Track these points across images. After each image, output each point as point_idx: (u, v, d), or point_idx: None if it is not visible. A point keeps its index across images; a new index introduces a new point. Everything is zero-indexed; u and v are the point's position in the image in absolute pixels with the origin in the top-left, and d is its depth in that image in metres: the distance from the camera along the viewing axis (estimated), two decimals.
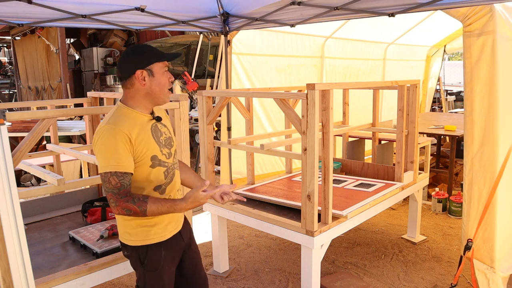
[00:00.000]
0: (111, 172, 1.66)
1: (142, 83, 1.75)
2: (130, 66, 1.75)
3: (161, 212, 1.71)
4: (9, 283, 1.78)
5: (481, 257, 2.89)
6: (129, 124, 1.73)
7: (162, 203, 1.70)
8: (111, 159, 1.66)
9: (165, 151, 1.86)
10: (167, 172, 1.86)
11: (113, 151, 1.66)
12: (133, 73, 1.74)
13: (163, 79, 1.79)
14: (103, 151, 1.68)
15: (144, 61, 1.75)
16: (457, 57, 20.01)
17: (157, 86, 1.78)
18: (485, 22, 2.65)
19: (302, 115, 2.41)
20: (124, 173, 1.68)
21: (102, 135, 1.69)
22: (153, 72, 1.76)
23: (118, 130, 1.68)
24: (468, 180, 2.89)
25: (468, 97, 2.80)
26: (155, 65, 1.76)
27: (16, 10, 3.13)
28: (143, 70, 1.74)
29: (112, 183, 1.66)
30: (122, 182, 1.67)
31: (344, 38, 6.03)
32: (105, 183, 1.68)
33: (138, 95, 1.78)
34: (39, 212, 3.01)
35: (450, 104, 10.40)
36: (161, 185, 1.84)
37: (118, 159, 1.66)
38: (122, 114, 1.76)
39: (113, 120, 1.72)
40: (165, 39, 8.44)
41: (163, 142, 1.86)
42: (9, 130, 5.60)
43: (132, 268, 1.97)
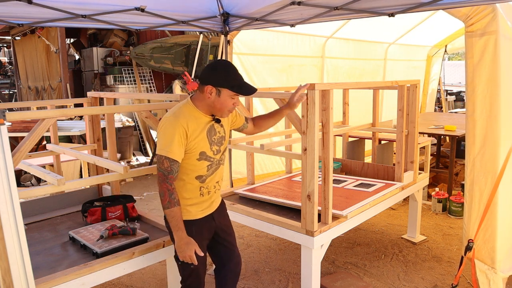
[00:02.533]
0: (165, 156, 1.97)
1: (208, 96, 2.02)
2: (208, 78, 2.03)
3: (170, 221, 2.01)
4: (9, 283, 1.77)
5: (482, 257, 2.89)
6: (189, 120, 2.01)
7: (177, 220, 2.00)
8: (166, 145, 1.96)
9: (215, 148, 2.14)
10: (210, 166, 2.14)
11: (170, 139, 1.96)
12: (206, 84, 2.01)
13: (227, 103, 2.04)
14: (162, 137, 1.99)
15: (218, 81, 2.00)
16: (457, 57, 20.00)
17: (218, 105, 2.04)
18: (487, 22, 2.64)
19: (302, 115, 2.41)
20: (174, 160, 1.98)
21: (165, 123, 2.00)
22: (221, 93, 2.01)
23: (178, 123, 1.98)
24: (469, 181, 2.89)
25: (470, 97, 2.79)
26: (225, 90, 2.01)
27: (16, 10, 3.13)
28: (213, 87, 2.00)
29: (164, 165, 1.98)
30: (172, 167, 1.98)
31: (345, 38, 6.03)
32: (159, 163, 1.99)
33: (203, 101, 2.06)
34: (39, 212, 3.01)
35: (450, 104, 10.41)
36: (202, 175, 2.12)
37: (172, 147, 1.96)
38: (187, 110, 2.04)
39: (178, 113, 2.02)
40: (165, 39, 8.43)
41: (215, 140, 2.14)
42: (9, 130, 5.60)
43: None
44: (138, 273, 3.35)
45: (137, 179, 6.36)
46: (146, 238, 2.47)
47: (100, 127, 3.29)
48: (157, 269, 3.41)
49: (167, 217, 2.03)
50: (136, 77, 8.33)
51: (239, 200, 3.20)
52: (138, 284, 3.22)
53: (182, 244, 2.01)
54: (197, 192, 2.14)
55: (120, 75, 8.25)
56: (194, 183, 2.12)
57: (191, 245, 2.01)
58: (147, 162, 7.32)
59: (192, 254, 2.00)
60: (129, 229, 2.48)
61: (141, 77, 8.47)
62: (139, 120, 7.90)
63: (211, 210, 2.23)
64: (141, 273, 3.37)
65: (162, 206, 2.01)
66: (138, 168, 2.48)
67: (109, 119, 3.10)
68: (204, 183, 2.14)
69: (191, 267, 2.14)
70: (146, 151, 7.91)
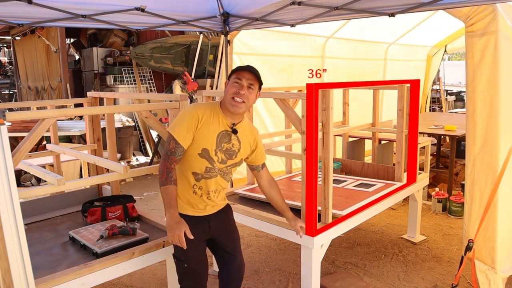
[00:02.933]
0: (173, 137, 2.02)
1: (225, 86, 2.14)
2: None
3: (164, 198, 2.01)
4: (9, 283, 1.77)
5: (482, 257, 2.89)
6: (207, 113, 2.07)
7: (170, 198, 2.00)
8: (176, 125, 2.03)
9: (220, 155, 2.13)
10: (209, 169, 2.12)
11: (181, 121, 2.03)
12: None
13: (231, 88, 2.08)
14: (176, 118, 2.07)
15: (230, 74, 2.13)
16: (457, 57, 20.00)
17: (226, 92, 2.10)
18: (487, 22, 2.64)
19: (302, 115, 2.41)
20: (179, 144, 2.02)
21: (185, 108, 2.10)
22: (229, 82, 2.11)
23: (195, 110, 2.05)
24: (469, 181, 2.89)
25: (470, 98, 2.79)
26: (232, 77, 2.10)
27: (16, 10, 3.13)
28: (227, 80, 2.14)
29: (170, 145, 2.03)
30: (176, 149, 2.02)
31: (345, 38, 6.03)
32: (167, 141, 2.05)
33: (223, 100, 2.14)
34: (39, 212, 3.01)
35: (450, 104, 10.40)
36: (198, 173, 2.12)
37: (180, 128, 2.02)
38: (211, 106, 2.12)
39: (200, 105, 2.12)
40: (165, 39, 8.43)
41: (223, 148, 2.13)
42: (9, 130, 5.59)
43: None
44: (138, 273, 3.35)
45: (137, 179, 6.36)
46: (146, 238, 2.47)
47: (100, 127, 3.29)
48: (157, 269, 3.41)
49: (162, 195, 2.02)
50: (136, 77, 8.33)
51: (239, 200, 3.20)
52: (138, 284, 3.22)
53: (173, 222, 1.96)
54: (190, 189, 2.14)
55: (120, 75, 8.25)
56: (189, 177, 2.13)
57: (181, 224, 1.96)
58: (147, 162, 7.32)
59: (181, 234, 1.94)
60: (129, 229, 2.48)
61: (141, 77, 8.47)
62: (139, 120, 7.90)
63: (205, 213, 2.21)
64: (141, 273, 3.37)
65: (159, 183, 2.04)
66: (138, 168, 2.48)
67: (109, 119, 3.10)
68: (199, 182, 2.13)
69: (184, 265, 2.15)
70: (146, 151, 7.91)
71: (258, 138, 2.30)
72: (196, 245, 2.12)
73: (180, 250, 2.09)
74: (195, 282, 2.21)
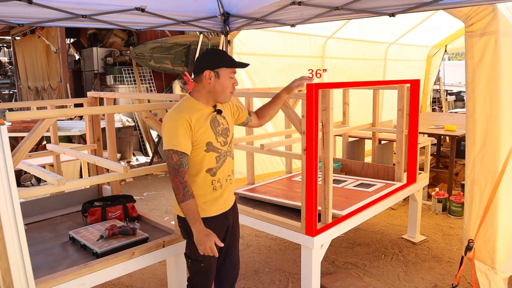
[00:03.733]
0: (173, 150, 1.96)
1: (208, 81, 2.04)
2: (202, 65, 2.05)
3: (186, 214, 1.99)
4: (9, 283, 1.77)
5: (482, 257, 2.89)
6: (191, 113, 2.02)
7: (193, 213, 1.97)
8: (172, 139, 1.97)
9: (221, 139, 2.14)
10: (219, 158, 2.13)
11: (174, 133, 1.97)
12: (202, 71, 2.04)
13: (227, 83, 2.06)
14: (167, 133, 2.00)
15: (214, 63, 2.04)
16: (457, 57, 20.00)
17: (220, 87, 2.06)
18: (487, 22, 2.64)
19: (302, 115, 2.41)
20: (183, 153, 1.98)
21: (168, 120, 2.01)
22: (219, 74, 2.04)
23: (180, 116, 1.99)
24: (469, 181, 2.89)
25: (470, 98, 2.78)
26: (223, 69, 2.04)
27: (16, 10, 3.13)
28: (211, 71, 2.03)
29: (173, 160, 1.97)
30: (181, 160, 1.97)
31: (345, 38, 6.03)
32: (168, 158, 1.99)
33: (203, 90, 2.08)
34: (39, 212, 3.01)
35: (450, 104, 10.40)
36: (212, 168, 2.11)
37: (178, 140, 1.97)
38: (188, 105, 2.06)
39: (179, 108, 2.04)
40: (165, 39, 8.43)
41: (220, 131, 2.14)
42: (9, 130, 5.59)
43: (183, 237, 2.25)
44: (138, 273, 3.35)
45: (137, 179, 6.36)
46: (146, 238, 2.47)
47: (100, 127, 3.29)
48: (157, 269, 3.41)
49: (183, 211, 1.99)
50: (136, 77, 8.33)
51: (239, 200, 3.20)
52: (138, 284, 3.22)
53: (202, 236, 1.96)
54: (210, 186, 2.12)
55: (120, 75, 8.25)
56: (205, 177, 2.10)
57: (211, 236, 1.97)
58: (147, 162, 7.32)
59: (213, 246, 1.96)
60: (129, 229, 2.48)
61: (141, 77, 8.47)
62: (139, 120, 7.90)
63: (226, 207, 2.21)
64: (141, 273, 3.37)
65: (176, 201, 2.00)
66: (138, 168, 2.48)
67: (109, 119, 3.10)
68: (215, 176, 2.12)
69: (201, 265, 2.14)
70: (146, 151, 7.91)
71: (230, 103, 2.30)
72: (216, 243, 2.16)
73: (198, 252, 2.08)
74: (207, 279, 2.22)
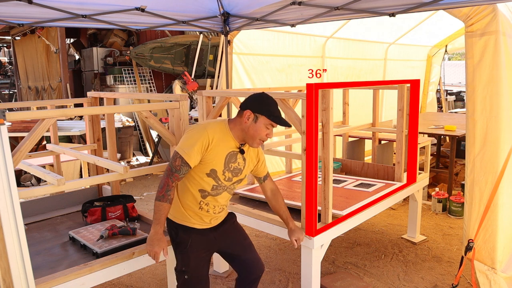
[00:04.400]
0: (181, 155, 2.03)
1: (245, 120, 2.11)
2: (249, 104, 2.12)
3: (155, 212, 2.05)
4: (9, 283, 1.77)
5: (482, 258, 2.89)
6: (217, 136, 2.08)
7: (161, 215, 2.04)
8: (186, 147, 2.04)
9: (227, 174, 2.17)
10: (215, 187, 2.16)
11: (192, 143, 2.04)
12: (245, 109, 2.11)
13: (261, 131, 2.11)
14: (186, 138, 2.07)
15: (259, 108, 2.10)
16: (457, 57, 20.00)
17: (252, 131, 2.11)
18: (487, 22, 2.63)
19: (302, 115, 2.41)
20: (187, 163, 2.03)
21: (194, 128, 2.09)
22: (258, 119, 2.10)
23: (205, 133, 2.06)
24: (469, 181, 2.88)
25: (470, 98, 2.78)
26: (263, 117, 2.09)
27: (17, 10, 3.13)
28: (252, 113, 2.09)
29: (176, 162, 2.04)
30: (181, 167, 2.04)
31: (345, 38, 6.03)
32: (172, 158, 2.07)
33: (239, 126, 2.14)
34: (39, 212, 3.01)
35: (450, 104, 10.40)
36: (205, 191, 2.15)
37: (190, 151, 2.03)
38: (220, 128, 2.12)
39: (210, 126, 2.10)
40: (165, 39, 8.43)
41: (231, 168, 2.17)
42: (9, 130, 5.59)
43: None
44: (138, 273, 3.35)
45: (137, 179, 6.36)
46: (146, 238, 2.47)
47: (100, 127, 3.29)
48: (157, 269, 3.41)
49: (154, 208, 2.05)
50: (136, 77, 8.34)
51: (239, 200, 3.20)
52: (138, 284, 3.22)
53: (155, 238, 2.04)
54: (197, 204, 2.17)
55: (120, 75, 8.25)
56: (196, 194, 2.16)
57: (162, 242, 2.04)
58: (147, 162, 7.32)
59: (159, 252, 2.03)
60: (129, 229, 2.48)
61: (141, 77, 8.47)
62: (139, 120, 7.90)
63: (209, 225, 2.26)
64: (141, 273, 3.37)
65: (155, 197, 2.05)
66: (138, 168, 2.48)
67: (109, 119, 3.10)
68: (205, 199, 2.17)
69: (185, 276, 2.16)
70: (146, 151, 7.91)
71: (260, 152, 2.35)
72: (200, 257, 2.20)
73: (182, 261, 2.17)
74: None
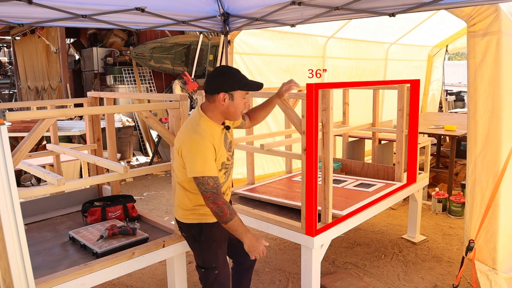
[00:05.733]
0: (208, 176, 1.99)
1: (222, 103, 2.06)
2: (217, 86, 2.06)
3: (237, 229, 2.03)
4: (9, 283, 1.77)
5: (483, 258, 2.88)
6: (212, 136, 2.06)
7: (242, 225, 2.05)
8: (204, 166, 1.99)
9: (229, 154, 2.19)
10: (227, 174, 2.20)
11: (204, 159, 2.00)
12: (217, 93, 2.05)
13: (240, 104, 2.10)
14: (196, 158, 2.00)
15: (229, 86, 2.05)
16: (457, 57, 20.00)
17: (233, 108, 2.09)
18: (490, 22, 2.62)
19: (302, 115, 2.41)
20: (215, 176, 2.01)
21: (193, 144, 2.01)
22: (233, 96, 2.06)
23: (207, 141, 2.02)
24: (471, 181, 2.88)
25: (471, 98, 2.77)
26: (237, 92, 2.06)
27: (17, 10, 3.13)
28: (226, 93, 2.04)
29: (210, 184, 1.99)
30: (217, 183, 2.01)
31: (346, 38, 6.03)
32: (203, 184, 1.99)
33: (216, 110, 2.09)
34: (39, 212, 3.01)
35: (450, 104, 10.40)
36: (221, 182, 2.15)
37: (210, 166, 2.01)
38: (206, 126, 2.07)
39: (201, 131, 2.04)
40: (165, 39, 8.43)
41: (228, 146, 2.19)
42: (9, 130, 5.59)
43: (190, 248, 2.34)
44: (138, 273, 3.35)
45: (137, 179, 6.36)
46: (146, 238, 2.47)
47: (100, 127, 3.29)
48: (157, 269, 3.41)
49: (231, 228, 2.02)
50: (136, 77, 8.33)
51: (239, 200, 3.20)
52: (138, 284, 3.22)
53: (254, 242, 2.05)
54: None
55: (120, 75, 8.24)
56: None
57: (260, 239, 2.08)
58: (147, 162, 7.32)
59: (264, 247, 2.07)
60: (129, 229, 2.48)
61: (141, 77, 8.47)
62: (139, 120, 7.90)
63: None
64: (141, 273, 3.37)
65: (222, 221, 2.02)
66: (138, 168, 2.48)
67: (109, 119, 3.10)
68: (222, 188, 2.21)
69: (215, 272, 2.20)
70: (146, 151, 7.91)
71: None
72: (224, 249, 2.28)
73: (210, 259, 2.20)
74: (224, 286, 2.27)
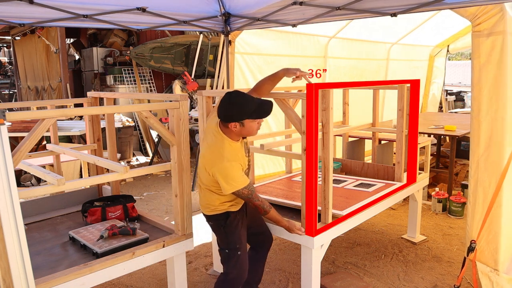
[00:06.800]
0: (241, 187, 2.28)
1: (234, 129, 2.31)
2: (227, 116, 2.29)
3: (274, 218, 2.47)
4: (9, 283, 1.77)
5: (484, 259, 2.86)
6: (237, 155, 2.34)
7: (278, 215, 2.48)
8: (237, 181, 2.27)
9: (247, 159, 2.48)
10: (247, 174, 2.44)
11: (237, 175, 2.28)
12: (228, 122, 2.29)
13: (252, 127, 2.34)
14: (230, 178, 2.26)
15: (238, 117, 2.27)
16: (457, 57, 20.00)
17: (246, 132, 2.35)
18: (495, 22, 2.60)
19: (302, 115, 2.41)
20: (249, 184, 2.31)
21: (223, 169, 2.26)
22: (244, 124, 2.29)
23: (235, 164, 2.29)
24: (473, 181, 2.86)
25: (475, 98, 2.75)
26: (247, 120, 2.29)
27: (17, 10, 3.13)
28: (236, 123, 2.28)
29: (245, 193, 2.31)
30: (250, 189, 2.32)
31: (348, 38, 6.03)
32: (239, 195, 2.32)
33: (232, 132, 2.34)
34: (39, 212, 3.01)
35: (450, 104, 10.40)
36: None
37: (242, 179, 2.30)
38: (231, 149, 2.32)
39: (228, 155, 2.28)
40: (165, 39, 8.43)
41: (246, 152, 2.46)
42: (9, 130, 5.59)
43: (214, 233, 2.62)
44: (138, 273, 3.35)
45: (137, 179, 6.36)
46: (146, 238, 2.47)
47: (100, 127, 3.29)
48: (157, 269, 3.41)
49: (271, 218, 2.45)
50: (136, 77, 8.33)
51: None
52: (138, 284, 3.22)
53: (290, 225, 2.50)
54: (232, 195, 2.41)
55: (120, 75, 8.24)
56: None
57: (292, 221, 2.53)
58: (147, 162, 7.32)
59: (298, 226, 2.50)
60: (129, 229, 2.48)
61: (141, 77, 8.46)
62: (139, 120, 7.90)
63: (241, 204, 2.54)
64: (141, 273, 3.37)
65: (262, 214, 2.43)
66: (138, 168, 2.48)
67: (109, 119, 3.10)
68: None
69: (238, 253, 2.43)
70: (146, 151, 7.91)
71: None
72: (244, 235, 2.52)
73: (235, 241, 2.44)
74: (243, 270, 2.47)
